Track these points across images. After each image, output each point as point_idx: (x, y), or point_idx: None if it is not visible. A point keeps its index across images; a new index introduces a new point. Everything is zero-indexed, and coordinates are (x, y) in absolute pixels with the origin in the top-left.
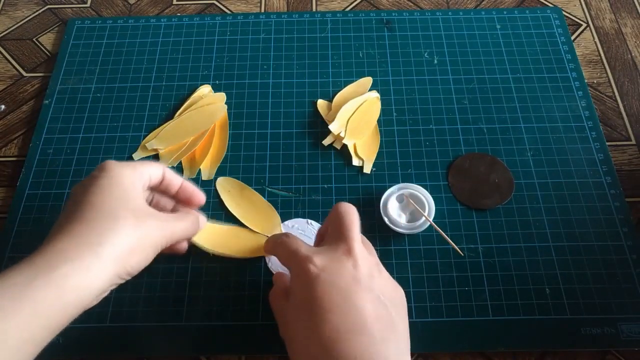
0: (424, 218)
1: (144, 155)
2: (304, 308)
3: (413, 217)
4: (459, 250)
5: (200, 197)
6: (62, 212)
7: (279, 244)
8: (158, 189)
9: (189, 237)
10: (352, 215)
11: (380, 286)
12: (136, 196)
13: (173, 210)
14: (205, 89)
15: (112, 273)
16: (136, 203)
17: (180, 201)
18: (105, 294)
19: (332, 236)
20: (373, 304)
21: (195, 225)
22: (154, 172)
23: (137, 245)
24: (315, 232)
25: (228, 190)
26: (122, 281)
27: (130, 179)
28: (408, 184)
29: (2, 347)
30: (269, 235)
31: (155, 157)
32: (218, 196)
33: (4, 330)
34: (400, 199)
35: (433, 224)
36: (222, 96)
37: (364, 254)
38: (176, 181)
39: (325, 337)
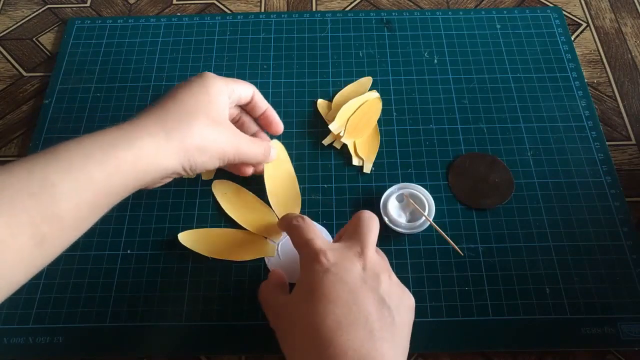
0: (424, 218)
1: None
2: (308, 298)
3: (413, 216)
4: (458, 250)
5: (279, 126)
6: (162, 96)
7: (295, 228)
8: (246, 108)
9: (255, 162)
10: (371, 221)
11: (386, 290)
12: (219, 106)
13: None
14: None
15: (178, 160)
16: (217, 112)
17: (261, 124)
18: (165, 180)
19: (348, 237)
20: (376, 305)
21: (264, 152)
22: (245, 91)
23: (205, 145)
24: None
25: (224, 193)
26: (184, 174)
27: (219, 90)
28: (408, 183)
29: (85, 188)
30: (268, 236)
31: None
32: (215, 199)
33: (90, 176)
34: (400, 199)
35: (433, 224)
36: None
37: (375, 258)
38: (263, 105)
39: (325, 327)
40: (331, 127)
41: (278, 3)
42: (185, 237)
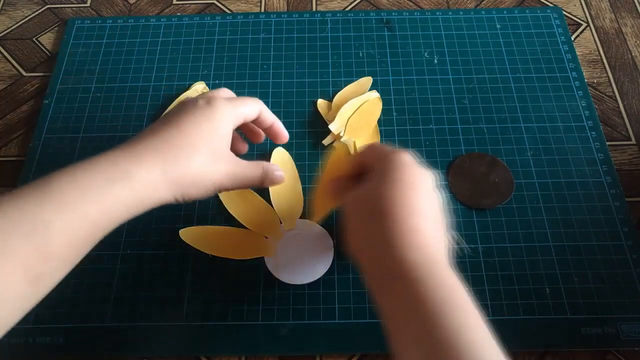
0: None
1: None
2: (400, 186)
3: None
4: (465, 245)
5: (284, 138)
6: (164, 118)
7: (373, 145)
8: (252, 122)
9: (253, 186)
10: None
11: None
12: (223, 137)
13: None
14: (199, 86)
15: (172, 194)
16: (220, 144)
17: (268, 135)
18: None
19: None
20: (438, 204)
21: (262, 179)
22: (250, 111)
23: (200, 180)
24: (314, 232)
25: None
26: (176, 202)
27: (226, 120)
28: None
29: (79, 226)
30: (268, 236)
31: None
32: (217, 197)
33: (85, 214)
34: None
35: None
36: None
37: None
38: (269, 120)
39: (416, 212)
40: (331, 127)
41: (278, 3)
42: (187, 234)
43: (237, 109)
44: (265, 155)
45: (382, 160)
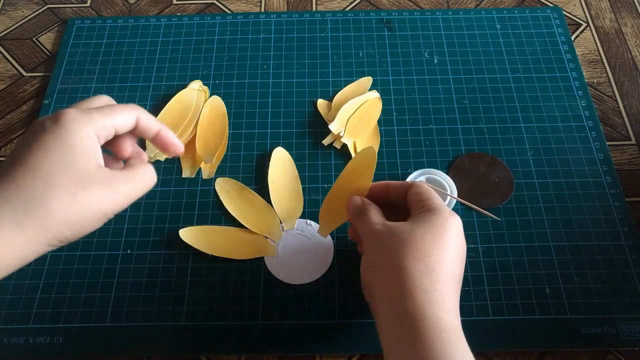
0: (448, 198)
1: None
2: (437, 234)
3: None
4: (494, 217)
5: (176, 147)
6: (12, 153)
7: (419, 185)
8: (132, 132)
9: (143, 194)
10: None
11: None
12: (86, 158)
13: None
14: (195, 84)
15: (40, 244)
16: (84, 167)
17: (156, 145)
18: (36, 257)
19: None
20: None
21: (148, 184)
22: (121, 121)
23: (74, 216)
24: (314, 233)
25: (227, 191)
26: (54, 248)
27: (83, 136)
28: (429, 169)
29: None
30: (268, 236)
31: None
32: (217, 197)
33: None
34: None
35: (459, 199)
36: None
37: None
38: (153, 128)
39: (447, 266)
40: (331, 127)
41: (278, 3)
42: (186, 234)
43: (96, 120)
44: (265, 155)
45: (432, 208)
